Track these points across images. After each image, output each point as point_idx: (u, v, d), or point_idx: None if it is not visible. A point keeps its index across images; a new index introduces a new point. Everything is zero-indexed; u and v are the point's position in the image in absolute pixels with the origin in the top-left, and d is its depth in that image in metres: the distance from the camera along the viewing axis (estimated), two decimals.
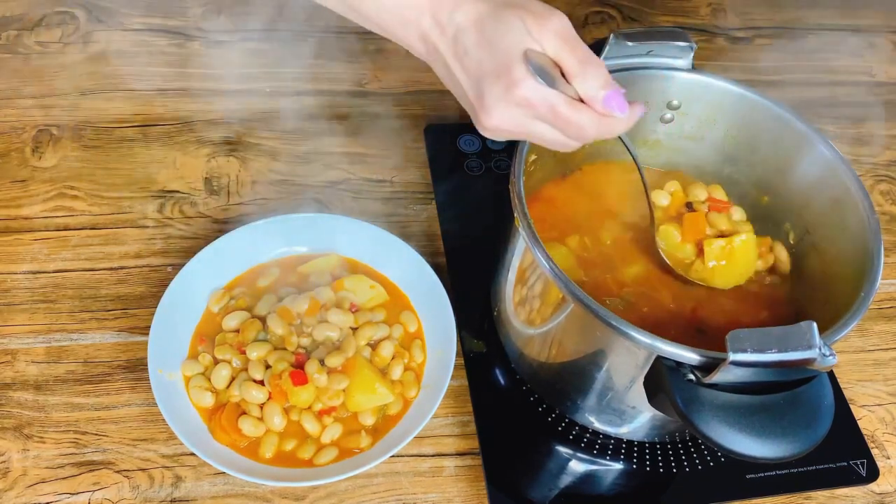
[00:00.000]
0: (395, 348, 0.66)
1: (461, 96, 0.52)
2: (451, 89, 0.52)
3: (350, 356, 0.64)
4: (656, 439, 0.65)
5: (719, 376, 0.47)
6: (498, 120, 0.50)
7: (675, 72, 0.64)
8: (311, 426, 0.62)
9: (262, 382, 0.63)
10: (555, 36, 0.48)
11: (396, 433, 0.62)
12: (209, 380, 0.64)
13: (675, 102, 0.66)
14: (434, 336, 0.68)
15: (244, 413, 0.62)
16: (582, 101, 0.49)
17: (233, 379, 0.64)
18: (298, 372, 0.62)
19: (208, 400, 0.63)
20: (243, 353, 0.64)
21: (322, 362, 0.63)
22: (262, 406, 0.62)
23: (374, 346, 0.66)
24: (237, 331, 0.66)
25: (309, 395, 0.62)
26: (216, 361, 0.65)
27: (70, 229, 0.74)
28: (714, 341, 0.48)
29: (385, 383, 0.63)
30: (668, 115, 0.67)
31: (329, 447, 0.61)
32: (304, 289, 0.69)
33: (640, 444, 0.65)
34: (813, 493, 0.65)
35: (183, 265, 0.67)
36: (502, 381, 0.68)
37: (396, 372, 0.65)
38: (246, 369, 0.64)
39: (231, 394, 0.63)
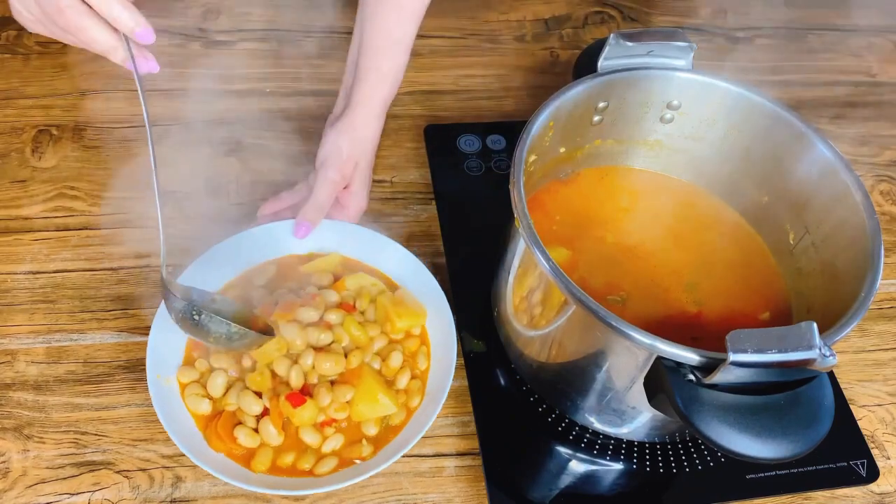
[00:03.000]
0: (403, 357, 0.65)
1: None
2: None
3: (353, 365, 0.63)
4: (656, 439, 0.65)
5: (719, 377, 0.47)
6: None
7: (675, 72, 0.64)
8: (311, 438, 0.61)
9: (259, 393, 0.62)
10: None
11: (398, 442, 0.61)
12: (205, 387, 0.62)
13: (675, 102, 0.66)
14: (434, 337, 0.67)
15: (240, 423, 0.61)
16: None
17: (229, 387, 0.62)
18: (295, 394, 0.61)
19: (205, 407, 0.61)
20: (239, 361, 0.63)
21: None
22: (258, 418, 0.61)
23: (383, 355, 0.65)
24: None
25: (311, 412, 0.60)
26: (213, 368, 0.63)
27: (70, 229, 0.74)
28: (714, 342, 0.48)
29: (388, 393, 0.62)
30: (668, 115, 0.67)
31: (329, 457, 0.60)
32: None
33: (640, 444, 0.65)
34: (813, 494, 0.65)
35: (183, 265, 0.67)
36: (502, 382, 0.68)
37: (402, 381, 0.64)
38: (242, 378, 0.62)
39: (228, 402, 0.62)
